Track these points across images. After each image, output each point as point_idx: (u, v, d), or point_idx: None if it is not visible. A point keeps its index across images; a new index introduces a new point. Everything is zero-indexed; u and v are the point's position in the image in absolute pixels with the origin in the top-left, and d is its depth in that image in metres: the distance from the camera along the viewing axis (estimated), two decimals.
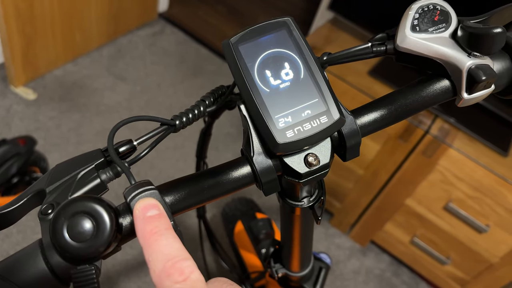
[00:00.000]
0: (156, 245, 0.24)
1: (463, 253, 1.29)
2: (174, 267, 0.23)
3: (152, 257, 0.23)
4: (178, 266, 0.23)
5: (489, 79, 0.35)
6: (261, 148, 0.34)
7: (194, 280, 0.23)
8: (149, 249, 0.24)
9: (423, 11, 0.37)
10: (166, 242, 0.24)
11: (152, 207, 0.26)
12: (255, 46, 0.34)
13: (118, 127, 0.34)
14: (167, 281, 0.22)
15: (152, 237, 0.24)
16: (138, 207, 0.26)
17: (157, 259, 0.23)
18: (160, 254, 0.23)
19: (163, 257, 0.23)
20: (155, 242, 0.24)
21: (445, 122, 1.18)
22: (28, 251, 0.29)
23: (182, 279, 0.22)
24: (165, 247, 0.24)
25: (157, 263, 0.23)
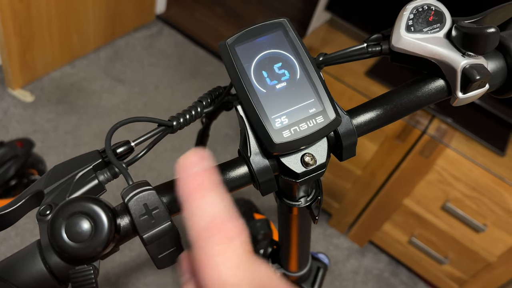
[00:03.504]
0: (201, 201, 0.21)
1: (461, 253, 1.30)
2: (219, 227, 0.20)
3: (195, 213, 0.21)
4: (223, 226, 0.20)
5: (483, 79, 0.35)
6: (258, 148, 0.35)
7: (237, 245, 0.20)
8: (192, 205, 0.21)
9: (417, 11, 0.37)
10: (213, 200, 0.21)
11: (199, 162, 0.22)
12: (251, 47, 0.34)
13: (116, 128, 0.34)
14: (208, 241, 0.20)
15: (198, 193, 0.21)
16: (182, 161, 0.22)
17: (201, 216, 0.21)
18: (205, 212, 0.21)
19: (208, 214, 0.21)
20: (201, 198, 0.21)
21: (442, 122, 1.19)
22: (26, 252, 0.29)
23: (225, 241, 0.20)
24: (212, 205, 0.21)
25: (200, 220, 0.21)
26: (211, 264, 0.20)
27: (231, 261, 0.20)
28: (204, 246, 0.20)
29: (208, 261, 0.20)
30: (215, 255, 0.20)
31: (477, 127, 1.20)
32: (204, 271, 0.20)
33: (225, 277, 0.20)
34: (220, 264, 0.20)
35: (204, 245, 0.20)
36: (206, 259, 0.20)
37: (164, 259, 0.30)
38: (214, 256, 0.20)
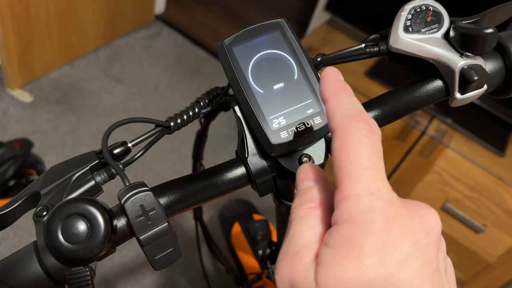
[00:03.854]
0: (346, 97, 0.23)
1: (461, 253, 1.30)
2: (365, 118, 0.22)
3: (342, 104, 0.23)
4: (368, 120, 0.22)
5: (481, 79, 0.35)
6: (255, 149, 0.34)
7: (378, 137, 0.22)
8: (338, 98, 0.23)
9: (415, 12, 0.37)
10: (355, 101, 0.23)
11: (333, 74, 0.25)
12: (249, 47, 0.34)
13: (113, 129, 0.34)
14: (355, 124, 0.22)
15: (343, 90, 0.24)
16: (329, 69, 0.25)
17: (348, 107, 0.22)
18: (351, 104, 0.23)
19: (353, 107, 0.22)
20: (347, 95, 0.23)
21: (442, 122, 1.19)
22: (22, 253, 0.29)
23: (369, 129, 0.22)
24: (356, 102, 0.23)
25: (348, 110, 0.22)
26: (354, 146, 0.21)
27: (372, 148, 0.21)
28: (352, 130, 0.21)
29: (352, 143, 0.21)
30: (360, 139, 0.21)
31: (476, 127, 1.20)
32: (345, 153, 0.21)
33: (364, 160, 0.21)
34: (362, 149, 0.21)
35: (351, 129, 0.21)
36: (351, 142, 0.21)
37: (161, 261, 0.30)
38: (359, 140, 0.21)
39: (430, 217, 0.22)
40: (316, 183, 0.25)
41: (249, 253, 1.13)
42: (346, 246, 0.20)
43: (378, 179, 0.21)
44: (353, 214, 0.20)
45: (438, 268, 0.21)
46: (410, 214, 0.21)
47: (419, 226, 0.21)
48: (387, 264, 0.20)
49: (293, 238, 0.23)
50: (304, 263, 0.22)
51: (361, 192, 0.21)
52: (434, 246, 0.22)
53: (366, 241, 0.20)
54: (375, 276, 0.20)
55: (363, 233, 0.20)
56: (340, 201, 0.21)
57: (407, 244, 0.20)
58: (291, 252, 0.23)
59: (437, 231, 0.22)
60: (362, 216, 0.20)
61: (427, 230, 0.21)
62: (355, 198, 0.21)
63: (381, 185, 0.21)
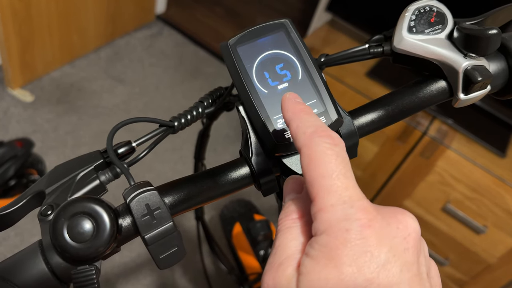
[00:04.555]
0: (307, 116, 0.25)
1: (461, 254, 1.30)
2: (326, 133, 0.23)
3: (303, 123, 0.24)
4: (329, 133, 0.24)
5: (484, 80, 0.35)
6: (259, 149, 0.35)
7: (341, 148, 0.23)
8: (300, 118, 0.25)
9: (419, 12, 0.37)
10: (316, 118, 0.25)
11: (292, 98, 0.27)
12: (253, 47, 0.34)
13: (117, 128, 0.34)
14: (318, 139, 0.23)
15: (303, 111, 0.25)
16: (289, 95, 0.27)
17: (309, 125, 0.24)
18: (313, 122, 0.24)
19: (314, 124, 0.24)
20: (307, 115, 0.25)
21: (443, 123, 1.19)
22: (28, 252, 0.29)
23: (332, 141, 0.23)
24: (316, 120, 0.25)
25: (309, 127, 0.24)
26: (320, 160, 0.22)
27: (337, 159, 0.23)
28: (315, 145, 0.23)
29: (318, 158, 0.22)
30: (325, 152, 0.23)
31: (477, 128, 1.20)
32: (313, 167, 0.22)
33: (331, 171, 0.22)
34: (328, 161, 0.22)
35: (315, 145, 0.23)
36: (316, 157, 0.23)
37: (166, 260, 0.30)
38: (323, 154, 0.22)
39: (407, 222, 0.23)
40: (302, 195, 0.26)
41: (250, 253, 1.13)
42: (325, 256, 0.21)
43: (348, 188, 0.22)
44: (330, 224, 0.21)
45: (419, 272, 0.22)
46: (386, 220, 0.22)
47: (395, 231, 0.22)
48: (365, 271, 0.20)
49: (279, 249, 0.24)
50: (287, 273, 0.23)
51: (334, 202, 0.21)
52: (413, 250, 0.22)
53: (343, 250, 0.21)
54: (354, 284, 0.20)
55: (341, 242, 0.21)
56: (316, 213, 0.22)
57: (384, 250, 0.21)
58: (276, 263, 0.23)
59: (415, 235, 0.23)
60: (338, 225, 0.21)
61: (405, 235, 0.22)
62: (330, 209, 0.21)
63: (352, 193, 0.22)
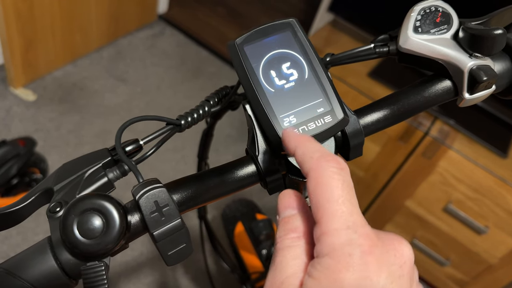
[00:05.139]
0: (312, 143, 0.26)
1: (463, 254, 1.30)
2: (332, 157, 0.24)
3: (309, 149, 0.25)
4: (336, 158, 0.25)
5: (490, 80, 0.35)
6: (266, 147, 0.35)
7: (347, 173, 0.24)
8: (305, 145, 0.26)
9: (425, 12, 0.37)
10: (320, 145, 0.26)
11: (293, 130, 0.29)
12: (260, 47, 0.34)
13: (126, 126, 0.34)
14: (325, 164, 0.24)
15: (307, 139, 0.27)
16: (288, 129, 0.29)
17: (315, 150, 0.25)
18: (317, 148, 0.26)
19: (319, 150, 0.25)
20: (311, 142, 0.26)
21: (445, 123, 1.19)
22: (37, 248, 0.29)
23: (339, 166, 0.24)
24: (321, 147, 0.26)
25: (316, 152, 0.25)
26: (327, 185, 0.23)
27: (343, 184, 0.24)
28: (323, 170, 0.24)
29: (325, 182, 0.23)
30: (332, 177, 0.23)
31: (479, 129, 1.20)
32: (320, 191, 0.23)
33: (337, 196, 0.23)
34: (335, 185, 0.23)
35: (323, 169, 0.24)
36: (324, 181, 0.23)
37: (173, 256, 0.30)
38: (331, 178, 0.23)
39: (403, 251, 0.24)
40: (298, 212, 0.27)
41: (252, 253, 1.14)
42: (328, 278, 0.22)
43: (353, 213, 0.23)
44: (333, 248, 0.22)
45: None
46: (385, 248, 0.23)
47: (393, 258, 0.23)
48: None
49: (279, 267, 0.25)
50: None
51: (339, 227, 0.22)
52: (407, 277, 0.24)
53: (346, 273, 0.22)
54: None
55: (343, 266, 0.22)
56: (320, 236, 0.23)
57: (382, 276, 0.22)
58: (278, 281, 0.24)
59: (410, 263, 0.24)
60: (341, 249, 0.22)
61: (401, 263, 0.23)
62: (334, 233, 0.22)
63: (356, 218, 0.23)
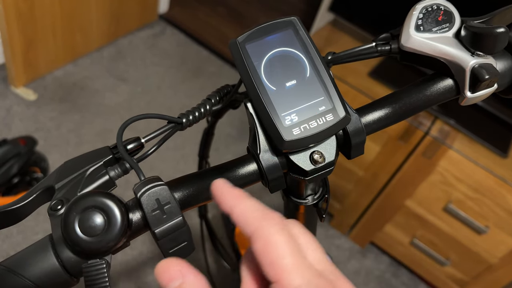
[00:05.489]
0: (248, 201, 0.26)
1: (463, 254, 1.30)
2: (272, 214, 0.25)
3: (248, 208, 0.25)
4: (276, 214, 0.25)
5: (492, 78, 0.35)
6: (267, 145, 0.35)
7: (288, 226, 0.25)
8: (242, 204, 0.26)
9: (427, 11, 0.37)
10: (255, 201, 0.26)
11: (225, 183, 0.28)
12: (261, 45, 0.34)
13: (127, 124, 0.34)
14: (268, 223, 0.24)
15: (242, 196, 0.26)
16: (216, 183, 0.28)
17: (254, 209, 0.25)
18: (256, 206, 0.26)
19: (259, 208, 0.25)
20: (247, 199, 0.26)
21: (445, 123, 1.19)
22: (38, 246, 0.29)
23: (280, 222, 0.25)
24: (257, 204, 0.26)
25: (255, 212, 0.25)
26: (278, 241, 0.23)
27: (291, 238, 0.24)
28: (269, 227, 0.24)
29: (275, 240, 0.24)
30: (279, 233, 0.24)
31: (480, 128, 1.20)
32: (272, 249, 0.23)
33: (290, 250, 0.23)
34: (283, 242, 0.23)
35: (269, 227, 0.24)
36: (273, 239, 0.24)
37: (175, 254, 0.30)
38: (279, 234, 0.24)
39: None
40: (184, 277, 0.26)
41: None
42: None
43: (308, 266, 0.24)
44: None
45: None
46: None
47: None
48: None
49: None
50: None
51: (300, 282, 0.23)
52: None
53: None
54: None
55: None
56: None
57: None
58: None
59: None
60: None
61: None
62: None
63: (313, 272, 0.24)
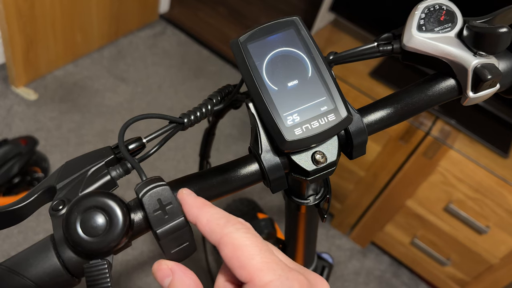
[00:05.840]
0: (212, 209, 0.28)
1: (463, 254, 1.30)
2: (236, 220, 0.27)
3: (213, 216, 0.27)
4: (238, 219, 0.27)
5: (494, 78, 0.35)
6: (269, 145, 0.35)
7: (249, 226, 0.27)
8: (207, 212, 0.28)
9: (429, 11, 0.37)
10: (218, 209, 0.28)
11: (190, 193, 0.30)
12: (263, 45, 0.34)
13: (129, 124, 0.34)
14: (233, 228, 0.26)
15: (206, 204, 0.28)
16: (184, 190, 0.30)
17: (219, 216, 0.27)
18: (220, 214, 0.27)
19: (223, 215, 0.27)
20: (211, 207, 0.28)
21: (446, 123, 1.19)
22: (39, 246, 0.29)
23: (244, 225, 0.27)
24: (221, 211, 0.28)
25: (220, 218, 0.27)
26: (246, 244, 0.25)
27: (257, 239, 0.26)
28: (235, 232, 0.26)
29: (243, 243, 0.25)
30: (245, 236, 0.26)
31: (480, 128, 1.20)
32: (242, 252, 0.25)
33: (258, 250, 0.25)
34: (252, 242, 0.25)
35: (234, 232, 0.26)
36: (241, 242, 0.25)
37: (176, 254, 0.30)
38: (245, 238, 0.26)
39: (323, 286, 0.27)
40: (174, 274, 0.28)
41: None
42: None
43: (276, 261, 0.25)
44: None
45: None
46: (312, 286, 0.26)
47: None
48: None
49: None
50: None
51: (272, 278, 0.24)
52: None
53: None
54: None
55: None
56: None
57: None
58: None
59: None
60: None
61: None
62: (270, 284, 0.24)
63: (282, 265, 0.25)
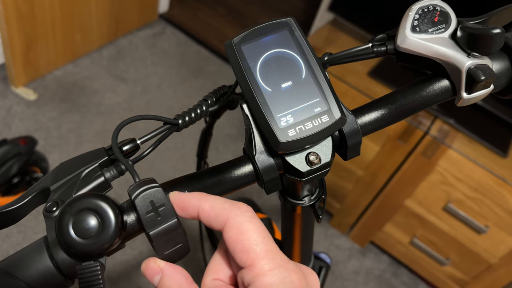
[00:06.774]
0: (212, 197, 0.28)
1: (463, 254, 1.30)
2: (240, 204, 0.27)
3: (215, 202, 0.28)
4: (244, 204, 0.27)
5: (488, 79, 0.35)
6: (263, 147, 0.35)
7: (254, 212, 0.27)
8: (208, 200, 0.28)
9: (423, 12, 0.37)
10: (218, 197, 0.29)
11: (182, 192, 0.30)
12: (257, 46, 0.34)
13: (123, 125, 0.34)
14: (239, 212, 0.26)
15: (203, 194, 0.29)
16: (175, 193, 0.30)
17: (222, 201, 0.27)
18: (222, 200, 0.28)
19: (226, 200, 0.28)
20: (210, 195, 0.28)
21: (445, 123, 1.19)
22: (33, 248, 0.29)
23: (251, 211, 0.27)
24: (220, 198, 0.28)
25: (224, 203, 0.27)
26: (250, 229, 0.26)
27: (262, 226, 0.26)
28: (240, 216, 0.26)
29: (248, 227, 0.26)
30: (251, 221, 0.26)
31: (479, 128, 1.20)
32: (246, 237, 0.25)
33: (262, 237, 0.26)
34: (255, 230, 0.26)
35: (240, 216, 0.26)
36: (246, 227, 0.26)
37: (170, 256, 0.30)
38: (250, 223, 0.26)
39: (316, 281, 0.28)
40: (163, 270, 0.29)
41: None
42: None
43: (277, 251, 0.26)
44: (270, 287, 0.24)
45: None
46: (307, 280, 0.26)
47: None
48: None
49: None
50: None
51: (272, 267, 0.25)
52: None
53: None
54: None
55: None
56: (255, 278, 0.25)
57: None
58: None
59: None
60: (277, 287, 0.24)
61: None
62: (268, 273, 0.25)
63: (281, 256, 0.26)
